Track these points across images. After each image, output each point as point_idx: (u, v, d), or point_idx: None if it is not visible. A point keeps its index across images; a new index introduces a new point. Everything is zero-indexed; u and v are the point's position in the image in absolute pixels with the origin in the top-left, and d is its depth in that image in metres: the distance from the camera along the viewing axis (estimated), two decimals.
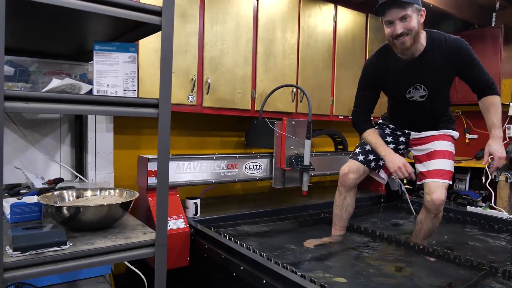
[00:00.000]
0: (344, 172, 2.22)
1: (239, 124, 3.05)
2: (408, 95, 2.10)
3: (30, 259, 1.08)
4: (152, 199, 2.11)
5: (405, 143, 2.26)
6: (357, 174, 2.21)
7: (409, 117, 2.21)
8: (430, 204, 2.04)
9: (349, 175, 2.20)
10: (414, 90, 2.08)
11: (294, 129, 2.58)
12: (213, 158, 2.41)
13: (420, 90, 2.07)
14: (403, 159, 2.05)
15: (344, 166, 2.24)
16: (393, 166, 2.03)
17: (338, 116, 3.25)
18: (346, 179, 2.21)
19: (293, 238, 2.33)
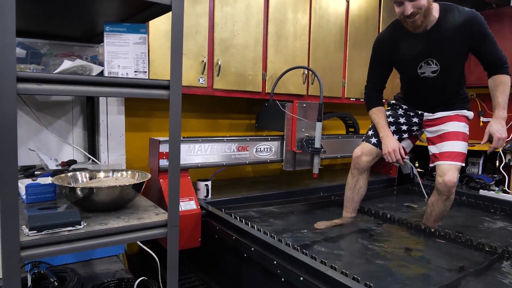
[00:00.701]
0: (357, 154, 2.21)
1: (249, 107, 3.04)
2: (419, 71, 2.06)
3: (46, 238, 1.11)
4: (164, 181, 2.13)
5: (418, 124, 2.24)
6: (370, 156, 2.20)
7: (421, 96, 2.18)
8: (442, 186, 2.03)
9: (362, 158, 2.20)
10: (425, 65, 2.04)
11: (305, 112, 2.57)
12: (224, 140, 2.41)
13: (432, 65, 2.03)
14: (397, 144, 2.08)
15: (357, 149, 2.24)
16: (385, 148, 2.10)
17: (349, 99, 3.22)
18: (359, 162, 2.20)
19: (303, 220, 2.34)
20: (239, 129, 3.04)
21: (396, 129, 2.24)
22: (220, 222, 2.01)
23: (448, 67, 2.02)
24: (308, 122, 2.57)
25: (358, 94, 3.24)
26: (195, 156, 2.31)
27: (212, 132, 2.91)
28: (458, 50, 1.98)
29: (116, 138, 2.31)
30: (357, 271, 1.63)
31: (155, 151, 2.17)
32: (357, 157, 2.21)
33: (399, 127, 2.24)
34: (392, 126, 2.24)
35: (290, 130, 2.58)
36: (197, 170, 2.42)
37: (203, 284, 2.12)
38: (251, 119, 3.07)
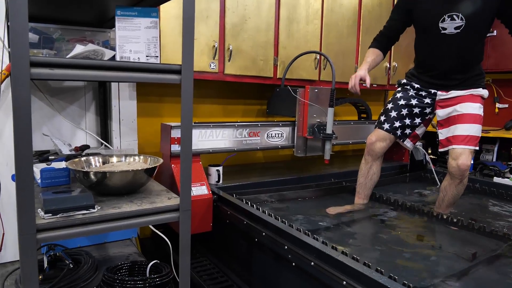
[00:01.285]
0: (372, 141, 2.20)
1: (261, 92, 3.03)
2: (441, 24, 1.97)
3: (61, 221, 1.13)
4: (176, 166, 2.14)
5: (431, 105, 2.17)
6: (384, 142, 2.19)
7: (438, 62, 2.07)
8: (455, 169, 2.00)
9: (376, 144, 2.18)
10: (449, 20, 1.94)
11: (317, 97, 2.54)
12: (235, 126, 2.41)
13: (456, 20, 1.93)
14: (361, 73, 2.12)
15: (371, 135, 2.22)
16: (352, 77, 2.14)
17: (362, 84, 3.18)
18: (373, 148, 2.19)
19: (314, 206, 2.34)
20: (250, 114, 3.04)
21: (408, 112, 2.19)
22: (231, 207, 2.03)
23: (474, 24, 1.92)
24: (319, 108, 2.55)
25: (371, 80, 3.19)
26: (207, 141, 2.32)
27: (223, 117, 2.91)
28: (487, 7, 1.88)
29: (128, 124, 2.33)
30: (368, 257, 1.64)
31: (166, 136, 2.18)
32: (372, 144, 2.20)
33: (411, 110, 2.19)
34: (404, 109, 2.19)
35: (301, 116, 2.57)
36: (208, 156, 2.42)
37: (215, 267, 2.15)
38: (263, 104, 3.06)
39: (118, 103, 2.29)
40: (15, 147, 1.00)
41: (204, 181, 2.18)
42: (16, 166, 1.01)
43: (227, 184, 2.34)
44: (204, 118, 2.79)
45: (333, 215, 2.16)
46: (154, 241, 2.42)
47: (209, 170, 2.35)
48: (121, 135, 2.31)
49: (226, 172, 2.46)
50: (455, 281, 1.49)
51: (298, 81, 2.81)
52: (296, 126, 2.61)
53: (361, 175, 2.27)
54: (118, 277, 1.44)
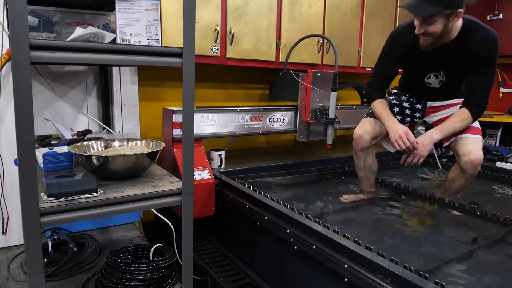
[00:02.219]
0: (358, 135, 2.10)
1: (263, 76, 3.01)
2: (427, 80, 2.04)
3: (64, 205, 1.13)
4: (178, 150, 2.14)
5: (421, 110, 2.16)
6: (372, 133, 2.10)
7: (423, 95, 2.14)
8: (469, 165, 1.93)
9: (363, 137, 2.09)
10: (434, 77, 2.01)
11: (320, 81, 2.52)
12: (237, 110, 2.40)
13: (439, 77, 2.00)
14: (406, 128, 1.91)
15: (357, 129, 2.13)
16: (394, 135, 1.91)
17: (365, 68, 3.16)
18: (360, 142, 2.09)
19: (316, 190, 2.35)
20: (252, 99, 3.02)
21: (400, 111, 2.18)
22: (234, 192, 2.03)
23: (455, 79, 1.99)
24: (322, 92, 2.54)
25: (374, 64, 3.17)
26: (209, 126, 2.31)
27: (225, 102, 2.89)
28: (468, 67, 1.92)
29: (130, 108, 2.32)
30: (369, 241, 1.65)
31: (168, 121, 2.18)
32: (358, 138, 2.09)
33: (402, 110, 2.17)
34: (396, 107, 2.17)
35: (304, 100, 2.56)
36: (210, 140, 2.42)
37: (217, 251, 2.17)
38: (265, 88, 3.04)
39: (120, 88, 2.28)
40: (17, 132, 1.00)
41: (206, 165, 2.19)
42: (19, 151, 1.01)
43: (230, 169, 2.35)
44: (206, 102, 2.78)
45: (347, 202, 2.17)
46: (157, 225, 2.44)
47: (211, 155, 2.35)
48: (123, 120, 2.31)
49: (228, 156, 2.46)
50: (455, 265, 1.50)
51: (300, 65, 2.79)
52: (298, 110, 2.60)
53: (359, 169, 2.22)
54: (121, 260, 1.46)
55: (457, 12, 1.75)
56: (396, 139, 1.90)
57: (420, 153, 1.87)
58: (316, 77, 2.51)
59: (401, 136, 1.89)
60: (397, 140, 1.90)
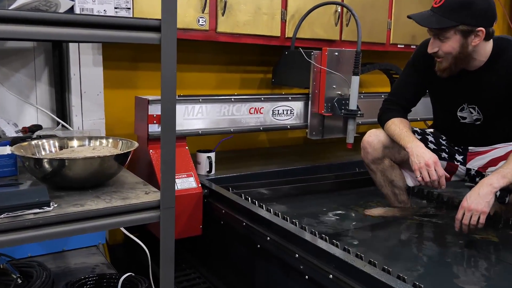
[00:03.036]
0: (366, 141, 2.13)
1: (264, 56, 3.00)
2: (459, 114, 2.05)
3: (6, 223, 1.13)
4: (155, 151, 2.14)
5: (462, 153, 2.15)
6: (386, 141, 2.09)
7: (461, 136, 2.13)
8: None
9: (373, 144, 2.07)
10: (467, 110, 2.03)
11: (338, 62, 2.52)
12: (232, 100, 2.40)
13: (473, 112, 2.01)
14: (435, 156, 1.89)
15: (367, 135, 2.15)
16: (419, 161, 1.87)
17: (397, 45, 3.15)
18: (370, 152, 2.11)
19: (333, 202, 2.35)
20: (251, 85, 3.02)
21: (437, 148, 2.14)
22: (227, 204, 2.02)
23: (495, 118, 1.99)
24: (341, 76, 2.53)
25: (409, 39, 3.16)
26: (195, 120, 2.31)
27: (216, 89, 2.89)
28: (507, 100, 1.93)
29: (92, 97, 2.32)
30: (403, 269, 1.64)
31: (143, 113, 2.17)
32: (367, 145, 2.12)
33: (440, 147, 2.16)
34: (431, 144, 2.15)
35: (317, 87, 2.55)
36: (197, 138, 2.42)
37: (206, 282, 2.16)
38: (267, 72, 3.04)
39: (79, 71, 2.28)
40: None
41: (191, 171, 2.18)
42: None
43: (221, 175, 2.34)
44: (191, 90, 2.77)
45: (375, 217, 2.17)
46: (127, 249, 2.43)
47: (198, 157, 2.35)
48: (83, 112, 2.30)
49: (219, 159, 2.45)
50: None
51: (313, 42, 2.78)
52: (310, 100, 2.59)
53: (381, 186, 2.19)
54: None
55: (477, 31, 1.80)
56: (421, 167, 1.87)
57: (479, 209, 1.76)
58: (333, 57, 2.50)
59: (428, 165, 1.86)
60: (422, 168, 1.86)
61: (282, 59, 2.78)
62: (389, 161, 2.15)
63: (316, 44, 2.79)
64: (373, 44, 3.06)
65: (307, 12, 2.67)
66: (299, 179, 2.49)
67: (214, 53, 2.86)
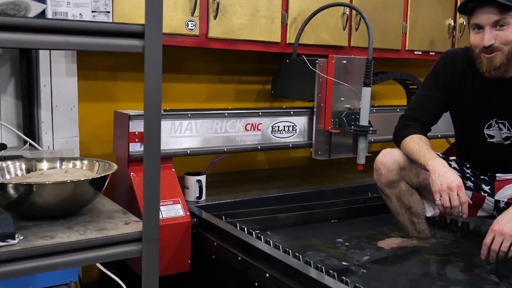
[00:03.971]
0: (380, 162, 2.14)
1: (263, 65, 3.02)
2: (486, 131, 2.06)
3: None
4: (136, 174, 2.14)
5: (489, 183, 2.16)
6: (402, 162, 2.11)
7: (487, 161, 2.14)
8: None
9: (388, 165, 2.10)
10: (496, 127, 2.04)
11: (346, 72, 2.54)
12: (225, 115, 2.40)
13: (503, 129, 2.03)
14: (459, 179, 1.88)
15: (380, 155, 2.16)
16: (440, 182, 1.85)
17: (413, 52, 3.17)
18: (384, 174, 2.12)
19: (342, 233, 2.34)
20: (247, 98, 3.03)
21: (461, 175, 2.12)
22: (220, 236, 2.02)
23: None
24: (350, 88, 2.55)
25: (426, 45, 3.19)
26: (183, 138, 2.31)
27: (207, 102, 2.90)
28: None
29: (65, 112, 2.32)
30: None
31: (123, 130, 2.17)
32: (381, 166, 2.13)
33: (464, 175, 2.17)
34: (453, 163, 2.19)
35: (323, 100, 2.56)
36: (185, 159, 2.42)
37: None
38: (265, 83, 3.05)
39: (50, 82, 2.28)
40: None
41: (178, 197, 2.18)
42: None
43: (213, 202, 2.34)
44: (179, 103, 2.78)
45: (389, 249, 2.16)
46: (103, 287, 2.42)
47: (187, 181, 2.35)
48: (54, 129, 2.30)
49: (211, 183, 2.45)
50: None
51: (318, 48, 2.80)
52: (315, 115, 2.60)
53: (397, 214, 2.19)
54: None
55: None
56: (442, 190, 1.85)
57: (505, 232, 1.76)
58: (340, 65, 2.52)
59: (450, 188, 1.83)
60: (443, 191, 1.84)
61: (282, 68, 2.80)
62: (406, 185, 2.15)
63: (322, 51, 2.81)
64: (386, 51, 3.08)
65: (311, 14, 2.69)
66: (302, 205, 2.49)
67: (205, 61, 2.88)
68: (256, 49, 2.65)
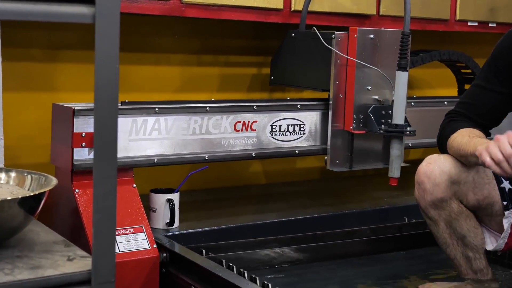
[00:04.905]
0: (423, 172, 2.15)
1: (258, 40, 3.05)
2: None
3: None
4: (83, 191, 2.14)
5: None
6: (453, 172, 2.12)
7: None
8: None
9: (434, 178, 2.08)
10: None
11: (374, 50, 2.56)
12: (207, 109, 2.40)
13: None
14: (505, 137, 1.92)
15: (424, 163, 2.18)
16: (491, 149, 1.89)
17: (466, 23, 3.19)
18: (429, 189, 2.13)
19: (368, 274, 2.36)
20: (236, 86, 3.05)
21: None
22: (199, 277, 2.03)
23: None
24: (379, 72, 2.56)
25: (484, 14, 3.22)
26: (148, 141, 2.31)
27: (181, 92, 2.91)
28: None
29: None
30: None
31: (65, 131, 2.17)
32: (425, 178, 2.13)
33: None
34: None
35: (342, 89, 2.58)
36: (151, 171, 2.43)
37: None
38: (262, 66, 3.07)
39: None
40: None
41: (141, 222, 2.18)
42: None
43: (190, 230, 2.35)
44: (142, 93, 2.79)
45: None
46: None
47: (153, 201, 2.35)
48: None
49: (187, 204, 2.46)
50: None
51: (335, 18, 2.83)
52: (330, 109, 2.60)
53: (445, 245, 2.19)
54: None
55: None
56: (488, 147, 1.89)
57: None
58: (366, 41, 2.54)
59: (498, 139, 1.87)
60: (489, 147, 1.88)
61: (286, 45, 2.81)
62: (459, 205, 2.16)
63: (340, 21, 2.83)
64: (429, 22, 3.10)
65: None
66: (313, 235, 2.49)
67: (179, 36, 2.89)
68: (249, 18, 2.66)
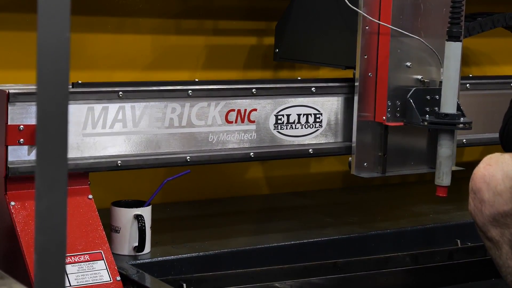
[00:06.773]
0: (480, 177, 2.20)
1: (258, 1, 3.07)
2: None
3: None
4: (21, 204, 2.15)
5: None
6: None
7: None
8: None
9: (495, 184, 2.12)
10: None
11: (416, 14, 2.58)
12: (188, 93, 2.41)
13: None
14: None
15: (480, 166, 2.23)
16: None
17: None
18: (489, 198, 2.15)
19: None
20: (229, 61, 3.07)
21: None
22: None
23: None
24: (422, 43, 2.58)
25: None
26: (109, 136, 2.32)
27: (155, 70, 2.93)
28: None
29: None
30: None
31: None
32: (483, 185, 2.17)
33: None
34: None
35: (372, 66, 2.60)
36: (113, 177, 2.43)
37: None
38: (263, 35, 3.10)
39: None
40: None
41: (100, 247, 2.20)
42: None
43: (166, 257, 2.37)
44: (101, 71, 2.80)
45: None
46: None
47: (116, 218, 2.37)
48: None
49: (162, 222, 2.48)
50: None
51: None
52: (356, 93, 2.62)
53: (507, 273, 2.24)
54: None
55: None
56: None
57: None
58: (405, 0, 2.56)
59: None
60: None
61: (295, 6, 2.83)
62: None
63: None
64: None
65: None
66: (334, 264, 2.51)
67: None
68: None
